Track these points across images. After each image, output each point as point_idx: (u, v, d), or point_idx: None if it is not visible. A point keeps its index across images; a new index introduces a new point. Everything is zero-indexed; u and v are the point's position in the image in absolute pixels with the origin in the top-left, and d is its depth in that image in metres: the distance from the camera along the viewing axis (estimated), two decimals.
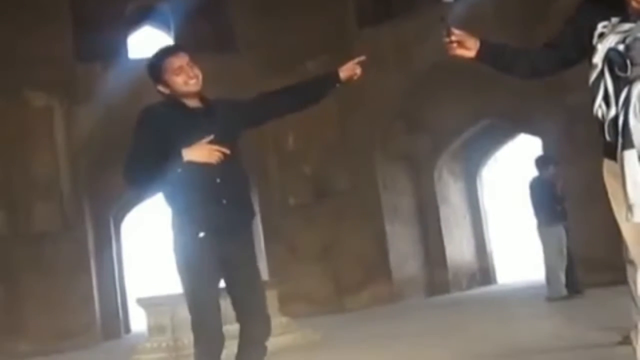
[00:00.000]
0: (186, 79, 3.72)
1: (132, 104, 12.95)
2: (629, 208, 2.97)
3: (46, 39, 12.76)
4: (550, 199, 9.77)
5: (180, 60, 3.75)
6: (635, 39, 2.88)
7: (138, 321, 12.70)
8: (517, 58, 3.38)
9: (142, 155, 3.64)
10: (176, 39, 14.78)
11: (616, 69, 2.93)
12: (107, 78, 13.05)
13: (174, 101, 3.77)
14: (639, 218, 2.96)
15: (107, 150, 13.40)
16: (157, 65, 3.83)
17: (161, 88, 3.80)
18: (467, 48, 3.26)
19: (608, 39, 2.99)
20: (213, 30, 14.39)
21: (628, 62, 2.90)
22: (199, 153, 3.55)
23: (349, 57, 3.92)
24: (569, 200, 9.98)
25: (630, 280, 4.20)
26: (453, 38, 3.22)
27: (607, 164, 3.11)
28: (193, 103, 3.78)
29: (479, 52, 3.28)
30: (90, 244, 13.25)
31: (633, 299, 4.83)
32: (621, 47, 2.94)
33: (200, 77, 3.76)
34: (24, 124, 12.58)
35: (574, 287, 9.66)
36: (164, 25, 15.33)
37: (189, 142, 3.59)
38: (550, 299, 9.38)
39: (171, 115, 3.71)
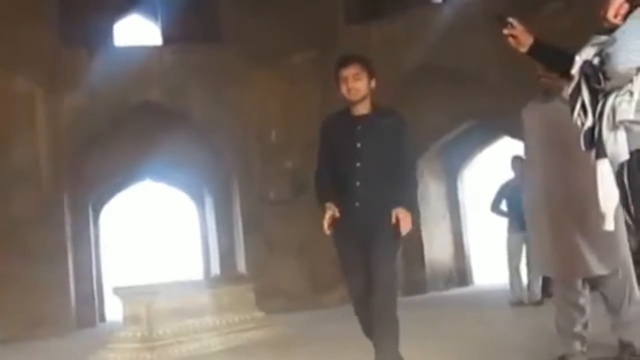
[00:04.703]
0: (346, 89, 4.38)
1: (116, 92, 13.05)
2: (601, 217, 3.01)
3: (31, 23, 12.65)
4: (514, 205, 9.70)
5: (347, 71, 4.39)
6: (607, 55, 2.92)
7: (113, 310, 12.66)
8: (559, 58, 3.55)
9: (318, 170, 4.57)
10: (163, 28, 14.74)
11: (591, 82, 2.98)
12: (91, 65, 12.98)
13: (345, 109, 4.49)
14: (610, 226, 3.01)
15: (89, 138, 13.36)
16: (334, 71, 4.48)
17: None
18: (521, 43, 3.50)
19: (585, 51, 3.04)
20: (200, 21, 14.33)
21: (600, 75, 2.95)
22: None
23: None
24: None
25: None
26: (506, 32, 3.51)
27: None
28: (360, 111, 4.41)
29: (530, 49, 3.52)
30: (68, 231, 13.17)
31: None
32: (596, 61, 2.98)
33: (361, 90, 4.39)
34: (6, 109, 12.45)
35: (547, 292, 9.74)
36: (151, 14, 15.26)
37: (342, 146, 4.36)
38: (511, 303, 9.53)
39: (336, 123, 4.48)
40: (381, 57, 13.37)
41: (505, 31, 3.48)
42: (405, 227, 4.21)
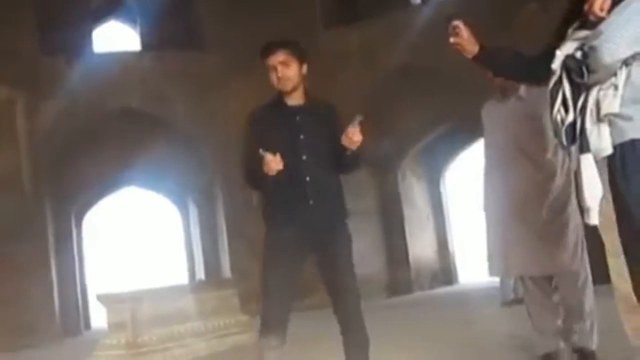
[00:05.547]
0: (275, 78, 3.88)
1: (96, 98, 13.00)
2: (586, 211, 3.03)
3: (10, 31, 12.60)
4: None
5: (274, 59, 3.87)
6: (591, 48, 2.93)
7: (98, 317, 12.60)
8: (513, 65, 3.58)
9: (247, 160, 3.95)
10: (142, 34, 14.71)
11: (573, 76, 2.99)
12: (71, 72, 12.92)
13: (277, 99, 3.95)
14: (595, 220, 3.02)
15: (70, 146, 13.28)
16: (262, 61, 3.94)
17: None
18: (466, 50, 3.45)
19: (566, 46, 3.05)
20: (180, 28, 14.31)
21: (584, 69, 2.96)
22: (268, 167, 3.71)
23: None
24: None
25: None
26: (452, 40, 3.43)
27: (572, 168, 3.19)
28: (295, 101, 3.94)
29: (476, 56, 3.47)
30: (51, 240, 13.09)
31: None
32: (579, 54, 3.00)
33: (292, 78, 3.88)
34: None
35: None
36: (130, 20, 15.23)
37: (283, 139, 3.82)
38: (502, 303, 9.45)
39: (269, 114, 3.92)
40: (361, 59, 13.50)
41: (452, 40, 3.42)
42: (356, 139, 3.84)
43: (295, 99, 3.94)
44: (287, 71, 3.84)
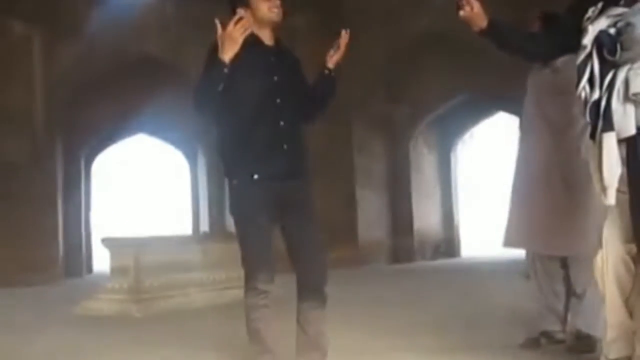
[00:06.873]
0: (270, 6, 3.64)
1: (114, 42, 12.90)
2: (603, 190, 3.00)
3: None
4: None
5: None
6: (628, 24, 2.88)
7: (100, 262, 12.67)
8: (520, 41, 3.52)
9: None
10: None
11: (605, 52, 2.94)
12: (91, 13, 12.82)
13: (252, 35, 3.60)
14: (612, 200, 2.99)
15: (85, 87, 13.23)
16: None
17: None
18: (475, 23, 3.36)
19: (599, 22, 3.00)
20: None
21: (618, 45, 2.90)
22: (226, 45, 3.41)
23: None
24: None
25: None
26: (462, 13, 3.33)
27: (590, 146, 3.14)
28: (269, 41, 3.72)
29: (484, 30, 3.38)
30: (59, 180, 13.12)
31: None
32: (612, 31, 2.94)
33: (281, 10, 3.67)
34: (2, 53, 12.33)
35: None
36: None
37: (257, 79, 3.61)
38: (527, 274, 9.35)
39: (243, 51, 3.48)
40: (384, 23, 13.33)
41: (461, 13, 3.33)
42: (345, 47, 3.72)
43: (270, 39, 3.73)
44: (280, 2, 3.66)
